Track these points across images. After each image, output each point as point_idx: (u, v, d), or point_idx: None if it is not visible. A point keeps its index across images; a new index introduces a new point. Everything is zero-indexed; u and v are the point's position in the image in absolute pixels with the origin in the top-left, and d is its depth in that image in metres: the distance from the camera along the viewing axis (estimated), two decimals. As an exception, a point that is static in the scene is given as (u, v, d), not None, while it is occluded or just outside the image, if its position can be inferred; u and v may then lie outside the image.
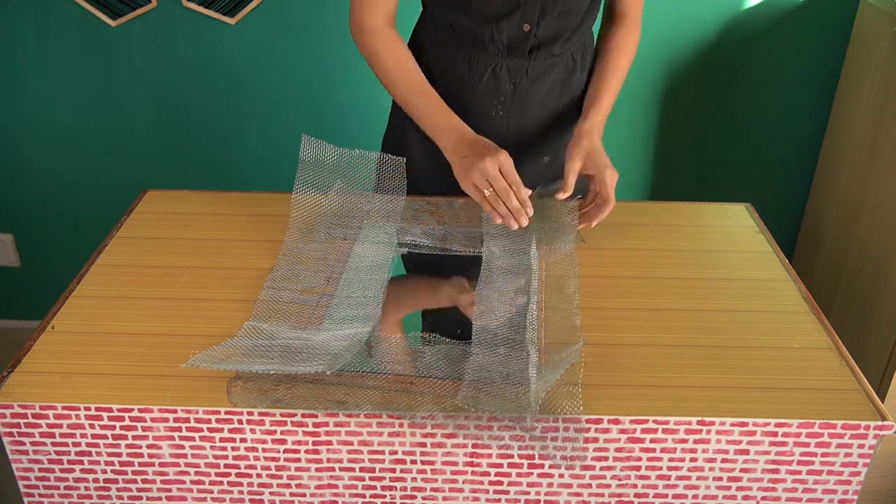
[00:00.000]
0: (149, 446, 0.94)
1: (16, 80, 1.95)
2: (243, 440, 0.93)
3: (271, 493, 0.97)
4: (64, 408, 0.91)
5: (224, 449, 0.94)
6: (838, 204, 1.91)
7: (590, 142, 1.21)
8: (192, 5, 1.84)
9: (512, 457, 0.93)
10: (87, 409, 0.91)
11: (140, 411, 0.91)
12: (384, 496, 0.97)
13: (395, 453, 0.94)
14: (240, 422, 0.91)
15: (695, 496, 0.95)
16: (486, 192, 1.12)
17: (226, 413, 0.91)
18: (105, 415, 0.91)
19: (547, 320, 1.03)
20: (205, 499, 0.98)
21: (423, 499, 0.97)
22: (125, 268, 1.14)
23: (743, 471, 0.93)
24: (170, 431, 0.92)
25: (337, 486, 0.97)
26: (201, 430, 0.92)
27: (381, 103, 1.87)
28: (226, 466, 0.95)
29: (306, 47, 1.92)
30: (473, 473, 0.95)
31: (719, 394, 0.92)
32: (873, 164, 1.76)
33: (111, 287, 1.10)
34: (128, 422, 0.92)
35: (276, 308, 1.05)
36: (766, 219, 1.31)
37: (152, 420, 0.91)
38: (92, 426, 0.92)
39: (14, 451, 0.95)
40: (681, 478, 0.94)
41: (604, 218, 1.19)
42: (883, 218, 1.71)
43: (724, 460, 0.92)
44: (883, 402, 1.37)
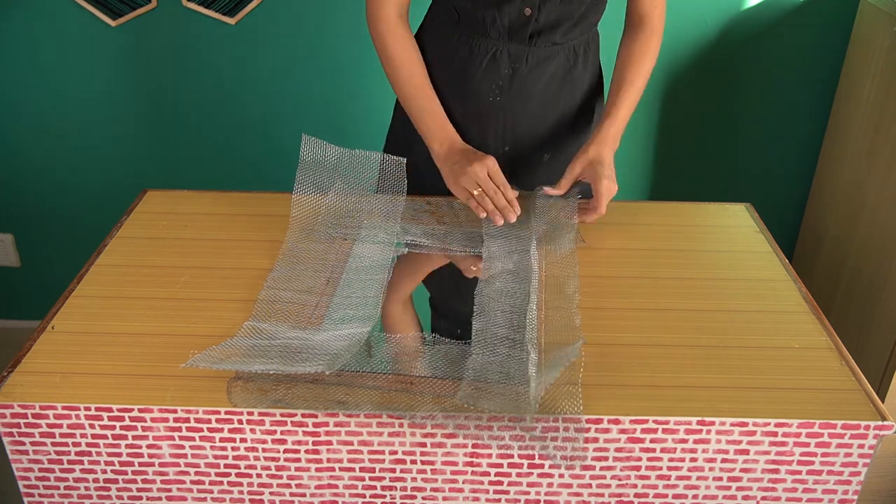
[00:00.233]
0: (149, 446, 0.94)
1: (16, 80, 1.95)
2: (243, 440, 0.93)
3: (271, 493, 0.97)
4: (64, 408, 0.91)
5: (224, 449, 0.94)
6: (838, 204, 1.91)
7: (597, 151, 1.23)
8: (192, 5, 1.84)
9: (512, 457, 0.93)
10: (87, 409, 0.91)
11: (140, 411, 0.91)
12: (384, 496, 0.97)
13: (395, 453, 0.94)
14: (240, 422, 0.91)
15: (695, 496, 0.95)
16: (475, 192, 1.18)
17: (226, 413, 0.91)
18: (105, 415, 0.91)
19: (547, 320, 1.03)
20: (205, 499, 0.98)
21: (423, 499, 0.97)
22: (125, 268, 1.14)
23: (743, 471, 0.93)
24: (170, 431, 0.92)
25: (337, 486, 0.97)
26: (201, 430, 0.92)
27: (381, 103, 1.88)
28: (226, 466, 0.95)
29: (306, 47, 1.92)
30: (473, 473, 0.95)
31: (719, 394, 0.92)
32: (873, 164, 1.76)
33: (111, 287, 1.10)
34: (128, 422, 0.92)
35: (276, 308, 1.05)
36: (766, 219, 1.31)
37: (152, 420, 0.91)
38: (92, 426, 0.92)
39: (14, 451, 0.95)
40: (681, 478, 0.94)
41: (587, 220, 1.24)
42: (883, 218, 1.71)
43: (724, 460, 0.92)
44: (883, 402, 1.37)
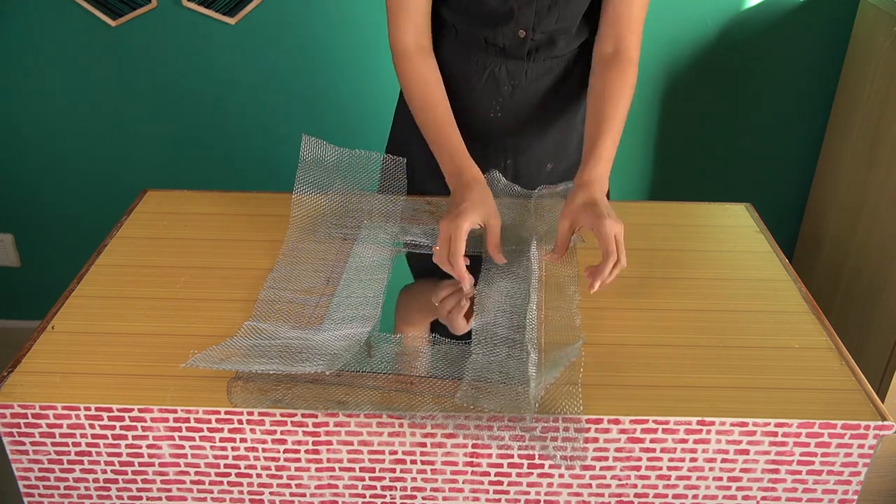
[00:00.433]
0: (149, 446, 0.94)
1: (16, 80, 1.95)
2: (243, 440, 0.93)
3: (271, 493, 0.97)
4: (64, 408, 0.91)
5: (224, 449, 0.94)
6: (838, 204, 1.91)
7: (585, 195, 1.09)
8: (192, 5, 1.84)
9: (512, 457, 0.93)
10: (87, 409, 0.91)
11: (140, 411, 0.91)
12: (384, 496, 0.97)
13: (395, 453, 0.94)
14: (240, 422, 0.91)
15: (695, 496, 0.95)
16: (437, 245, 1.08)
17: (226, 413, 0.91)
18: (105, 415, 0.91)
19: (547, 320, 1.03)
20: (205, 499, 0.98)
21: (423, 499, 0.97)
22: (125, 268, 1.14)
23: (743, 471, 0.93)
24: (170, 431, 0.92)
25: (337, 486, 0.97)
26: (201, 430, 0.92)
27: (380, 103, 1.88)
28: (226, 466, 0.95)
29: (306, 47, 1.92)
30: (473, 473, 0.95)
31: (719, 394, 0.92)
32: (873, 164, 1.76)
33: (111, 287, 1.10)
34: (128, 422, 0.92)
35: (276, 308, 1.05)
36: (766, 219, 1.31)
37: (152, 420, 0.91)
38: (92, 426, 0.92)
39: (14, 451, 0.95)
40: (681, 478, 0.94)
41: (609, 278, 1.04)
42: (883, 218, 1.71)
43: (724, 460, 0.92)
44: (883, 402, 1.37)
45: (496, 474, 0.94)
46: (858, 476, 0.93)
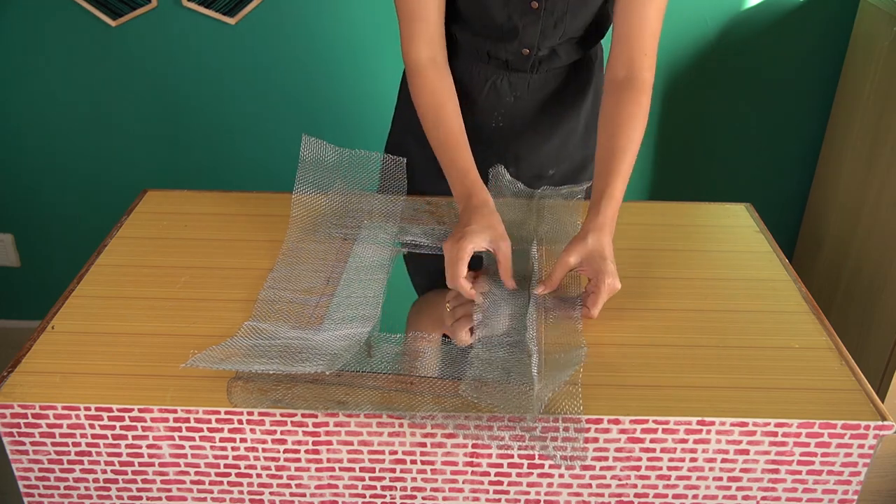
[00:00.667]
0: (149, 446, 0.94)
1: (16, 80, 1.95)
2: (243, 440, 0.93)
3: (271, 493, 0.97)
4: (64, 408, 0.91)
5: (224, 449, 0.94)
6: (838, 204, 1.91)
7: (596, 241, 1.05)
8: (192, 5, 1.84)
9: (512, 457, 0.93)
10: (87, 409, 0.91)
11: (140, 411, 0.91)
12: (384, 496, 0.97)
13: (395, 453, 0.94)
14: (240, 422, 0.91)
15: (695, 496, 0.95)
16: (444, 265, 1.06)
17: (226, 413, 0.91)
18: (105, 415, 0.91)
19: (547, 320, 1.03)
20: (205, 499, 0.98)
21: (423, 499, 0.97)
22: (125, 268, 1.14)
23: (743, 471, 0.93)
24: (170, 431, 0.92)
25: (337, 486, 0.97)
26: (201, 430, 0.92)
27: (380, 103, 1.88)
28: (226, 466, 0.95)
29: (306, 47, 1.92)
30: (473, 473, 0.95)
31: (719, 394, 0.92)
32: (873, 163, 1.76)
33: (111, 287, 1.10)
34: (128, 422, 0.92)
35: (276, 308, 1.05)
36: (766, 219, 1.31)
37: (152, 420, 0.91)
38: (92, 426, 0.92)
39: (14, 451, 0.95)
40: (681, 478, 0.94)
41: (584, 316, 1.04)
42: (883, 218, 1.71)
43: (724, 460, 0.92)
44: (883, 402, 1.37)
45: (496, 474, 0.94)
46: (858, 476, 0.93)
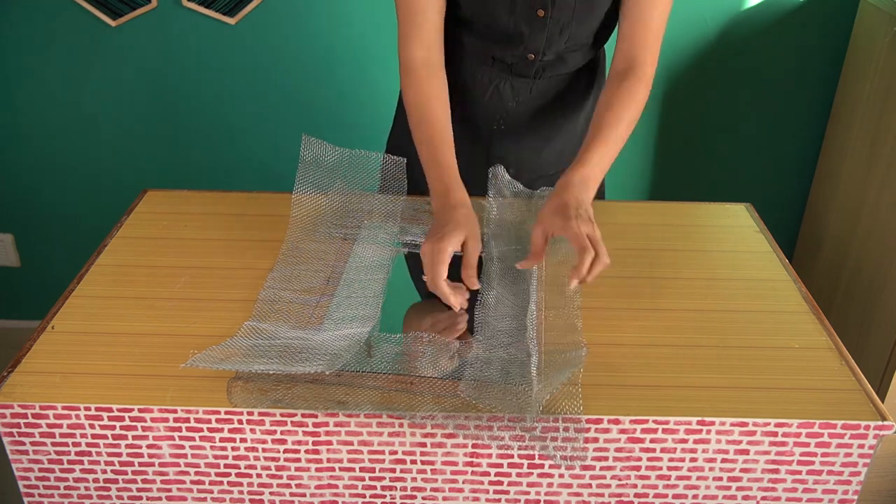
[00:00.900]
0: (149, 446, 0.94)
1: (16, 80, 1.95)
2: (243, 440, 0.93)
3: (271, 493, 0.97)
4: (64, 408, 0.91)
5: (224, 449, 0.94)
6: (838, 204, 1.91)
7: (557, 200, 1.05)
8: (192, 5, 1.84)
9: (512, 457, 0.93)
10: (87, 409, 0.91)
11: (140, 411, 0.91)
12: (384, 496, 0.97)
13: (395, 453, 0.94)
14: (240, 422, 0.91)
15: (695, 496, 0.95)
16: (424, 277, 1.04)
17: (226, 413, 0.91)
18: (105, 415, 0.91)
19: (547, 320, 1.03)
20: (205, 499, 0.98)
21: (423, 499, 0.97)
22: (125, 268, 1.14)
23: (743, 471, 0.93)
24: (170, 431, 0.92)
25: (337, 486, 0.97)
26: (201, 430, 0.92)
27: (380, 103, 1.88)
28: (226, 466, 0.95)
29: (306, 47, 1.92)
30: (473, 473, 0.95)
31: (719, 394, 0.92)
32: (873, 163, 1.76)
33: (111, 287, 1.10)
34: (128, 422, 0.92)
35: (276, 308, 1.05)
36: (766, 219, 1.31)
37: (152, 420, 0.91)
38: (92, 426, 0.92)
39: (14, 451, 0.95)
40: (681, 478, 0.94)
41: (589, 276, 1.00)
42: (883, 218, 1.71)
43: (724, 460, 0.92)
44: (883, 402, 1.37)
45: (496, 474, 0.94)
46: (858, 476, 0.93)
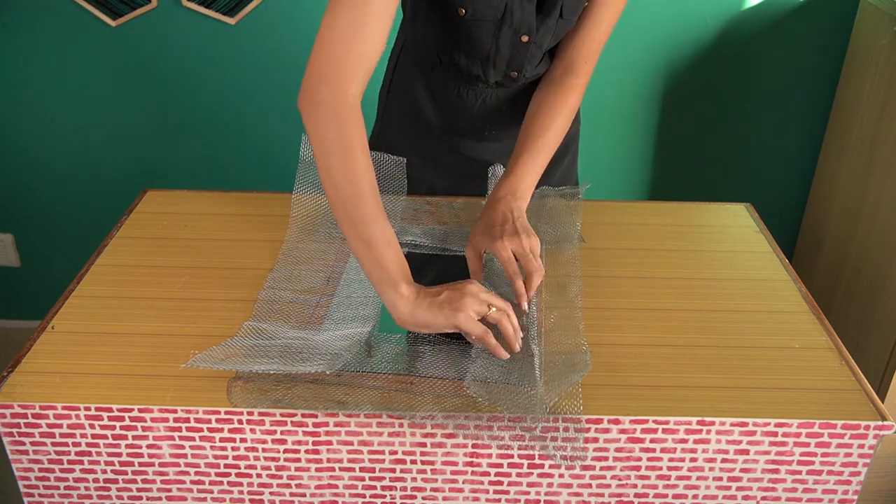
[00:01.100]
0: (149, 446, 0.94)
1: (16, 80, 1.95)
2: (243, 440, 0.93)
3: (271, 493, 0.97)
4: (64, 408, 0.91)
5: (224, 449, 0.94)
6: (838, 204, 1.91)
7: (485, 219, 1.03)
8: (192, 5, 1.84)
9: (512, 457, 0.93)
10: (87, 409, 0.91)
11: (140, 411, 0.91)
12: (384, 496, 0.97)
13: (395, 453, 0.94)
14: (240, 422, 0.91)
15: (695, 496, 0.95)
16: (490, 310, 0.93)
17: (226, 413, 0.91)
18: (105, 415, 0.91)
19: (547, 321, 1.03)
20: (205, 499, 0.98)
21: (423, 499, 0.97)
22: (125, 268, 1.14)
23: (743, 471, 0.93)
24: (170, 431, 0.92)
25: (337, 486, 0.97)
26: (201, 430, 0.92)
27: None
28: (226, 466, 0.95)
29: (306, 47, 1.91)
30: (473, 473, 0.95)
31: (719, 394, 0.92)
32: (873, 164, 1.76)
33: (111, 287, 1.10)
34: (128, 422, 0.92)
35: (277, 308, 1.05)
36: (766, 219, 1.31)
37: (152, 420, 0.91)
38: (92, 426, 0.92)
39: (14, 451, 0.95)
40: (681, 478, 0.94)
41: (531, 291, 0.99)
42: (883, 218, 1.71)
43: (724, 460, 0.92)
44: (883, 402, 1.37)
45: (496, 474, 0.94)
46: (858, 476, 0.93)
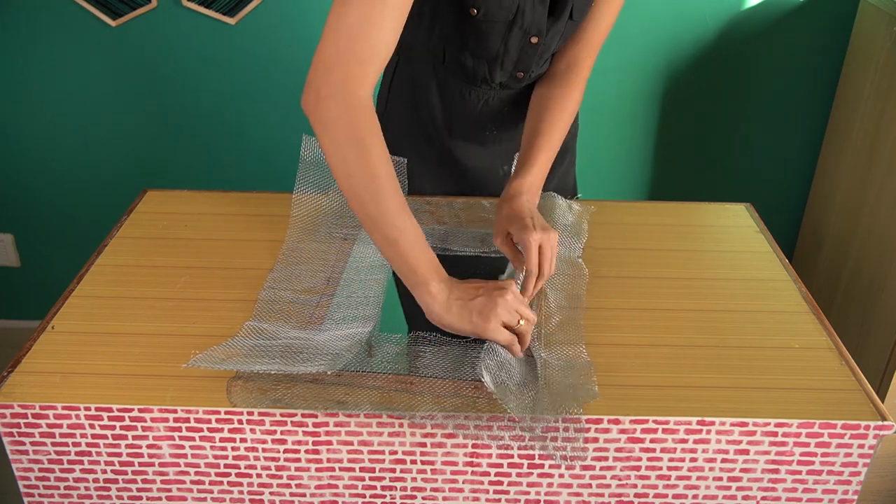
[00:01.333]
0: (149, 446, 0.94)
1: (16, 80, 1.95)
2: (243, 440, 0.93)
3: (271, 493, 0.97)
4: (64, 408, 0.91)
5: (224, 449, 0.94)
6: (838, 204, 1.91)
7: (509, 207, 1.04)
8: (192, 5, 1.84)
9: (512, 457, 0.93)
10: (87, 409, 0.91)
11: (140, 411, 0.91)
12: (384, 496, 0.97)
13: (395, 453, 0.94)
14: (240, 422, 0.92)
15: (695, 496, 0.95)
16: (520, 323, 0.93)
17: (226, 413, 0.91)
18: (105, 415, 0.91)
19: (547, 321, 1.03)
20: (205, 499, 0.98)
21: (423, 499, 0.97)
22: (125, 268, 1.14)
23: (743, 471, 0.93)
24: (170, 431, 0.92)
25: (337, 486, 0.97)
26: (201, 430, 0.92)
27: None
28: (226, 466, 0.95)
29: (306, 47, 1.91)
30: (473, 473, 0.95)
31: (719, 394, 0.92)
32: (873, 164, 1.76)
33: (111, 287, 1.10)
34: (128, 422, 0.92)
35: (277, 308, 1.05)
36: (766, 219, 1.31)
37: (152, 420, 0.91)
38: (92, 426, 0.92)
39: (14, 451, 0.95)
40: (681, 478, 0.94)
41: (532, 293, 1.00)
42: (883, 218, 1.71)
43: (724, 460, 0.92)
44: (883, 402, 1.37)
45: (496, 474, 0.94)
46: (858, 476, 0.93)
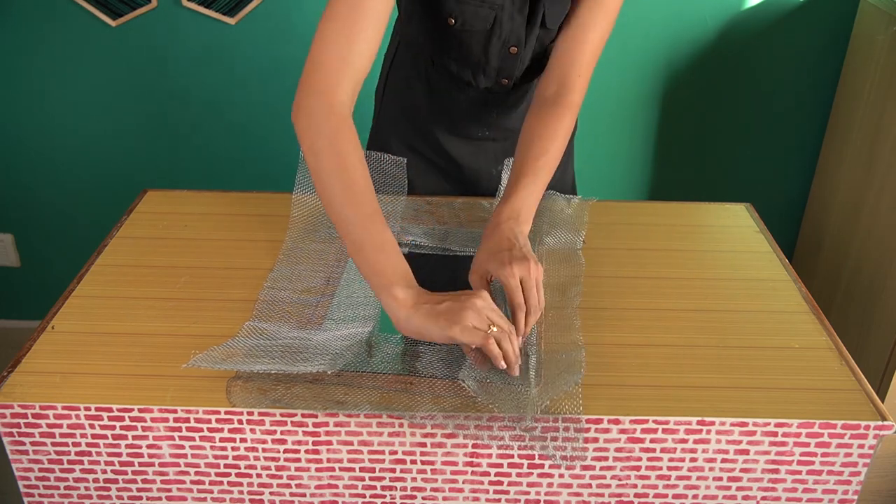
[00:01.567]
0: (149, 446, 0.94)
1: (16, 80, 1.95)
2: (243, 440, 0.93)
3: (271, 493, 0.97)
4: (64, 408, 0.91)
5: (224, 449, 0.94)
6: (838, 204, 1.91)
7: (489, 243, 0.99)
8: (192, 5, 1.84)
9: (512, 457, 0.93)
10: (87, 409, 0.91)
11: (140, 411, 0.91)
12: (384, 496, 0.97)
13: (395, 453, 0.94)
14: (240, 422, 0.91)
15: (695, 496, 0.95)
16: (492, 329, 0.90)
17: (226, 413, 0.91)
18: (105, 415, 0.91)
19: (546, 320, 1.03)
20: (205, 499, 0.98)
21: (423, 499, 0.97)
22: (125, 268, 1.14)
23: (743, 471, 0.93)
24: (170, 431, 0.92)
25: (337, 486, 0.97)
26: (201, 430, 0.92)
27: (381, 103, 1.87)
28: (226, 466, 0.95)
29: (306, 47, 1.91)
30: (473, 473, 0.95)
31: (719, 394, 0.92)
32: (873, 164, 1.76)
33: (111, 287, 1.10)
34: (128, 422, 0.92)
35: (277, 308, 1.05)
36: (766, 219, 1.31)
37: (152, 420, 0.91)
38: (92, 426, 0.92)
39: (14, 451, 0.95)
40: (681, 478, 0.94)
41: (527, 329, 0.96)
42: (883, 218, 1.71)
43: (724, 460, 0.92)
44: (883, 402, 1.37)
45: (496, 474, 0.94)
46: (858, 476, 0.93)
